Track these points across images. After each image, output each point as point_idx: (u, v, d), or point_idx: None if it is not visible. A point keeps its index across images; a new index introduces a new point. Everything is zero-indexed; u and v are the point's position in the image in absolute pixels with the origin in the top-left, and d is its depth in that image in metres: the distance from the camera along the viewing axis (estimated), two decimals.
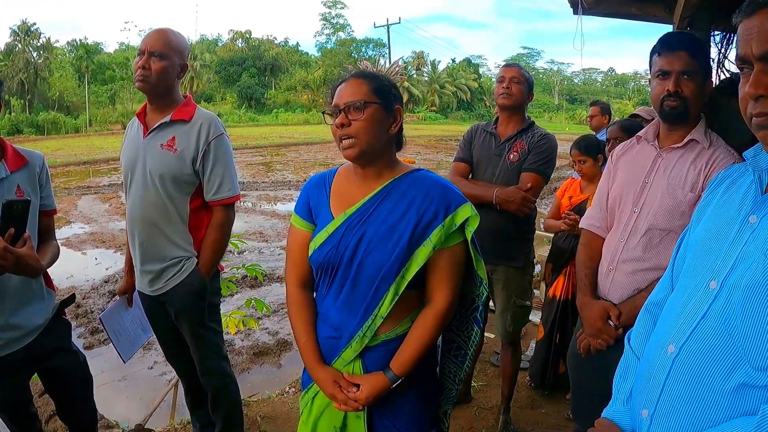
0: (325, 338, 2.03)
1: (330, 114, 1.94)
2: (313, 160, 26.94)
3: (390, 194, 1.95)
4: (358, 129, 1.87)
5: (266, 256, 9.90)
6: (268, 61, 73.14)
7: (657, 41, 2.28)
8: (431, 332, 1.94)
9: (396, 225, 1.90)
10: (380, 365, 1.96)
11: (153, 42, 2.82)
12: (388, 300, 1.90)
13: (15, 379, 2.61)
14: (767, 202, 1.22)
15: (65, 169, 23.14)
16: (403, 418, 2.03)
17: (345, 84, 1.94)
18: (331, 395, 1.96)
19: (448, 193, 1.94)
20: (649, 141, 2.39)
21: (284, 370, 5.55)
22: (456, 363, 2.19)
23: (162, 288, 2.96)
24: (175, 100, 2.96)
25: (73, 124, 48.54)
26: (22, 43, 53.48)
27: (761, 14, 1.14)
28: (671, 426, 1.22)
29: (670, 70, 2.20)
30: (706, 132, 2.27)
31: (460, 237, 1.94)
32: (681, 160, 2.26)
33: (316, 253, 1.98)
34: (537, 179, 3.31)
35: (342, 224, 1.95)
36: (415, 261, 1.89)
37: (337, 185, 2.06)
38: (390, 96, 1.95)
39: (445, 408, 2.21)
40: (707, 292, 1.23)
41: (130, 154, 2.97)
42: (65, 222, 12.58)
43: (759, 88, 1.13)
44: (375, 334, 1.94)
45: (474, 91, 73.81)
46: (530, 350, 4.88)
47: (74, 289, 7.66)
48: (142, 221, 2.92)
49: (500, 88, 3.47)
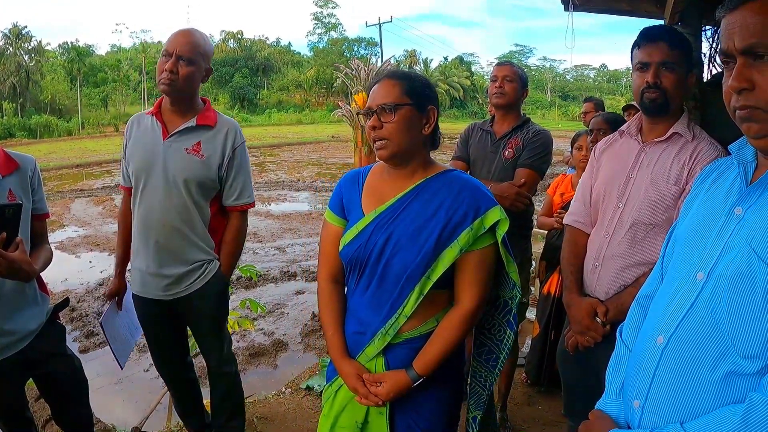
0: (351, 333, 2.04)
1: (365, 115, 1.95)
2: (306, 159, 26.95)
3: (421, 194, 1.96)
4: (390, 131, 1.88)
5: (261, 256, 9.89)
6: (260, 62, 73.21)
7: (638, 35, 2.27)
8: (456, 333, 1.94)
9: (425, 225, 1.91)
10: (403, 363, 1.96)
11: (182, 45, 2.76)
12: (412, 299, 1.91)
13: (10, 385, 2.60)
14: (752, 193, 1.23)
15: (58, 172, 23.08)
16: (425, 418, 2.03)
17: (378, 85, 1.95)
18: (354, 388, 1.97)
19: (478, 195, 1.93)
20: (632, 135, 2.38)
21: (280, 371, 5.54)
22: (487, 367, 2.18)
23: (182, 292, 2.95)
24: (196, 104, 2.95)
25: (66, 127, 48.44)
26: (13, 47, 53.34)
27: (743, 9, 1.16)
28: (662, 415, 1.24)
29: (650, 62, 2.19)
30: (689, 125, 2.26)
31: (490, 239, 1.94)
32: (664, 154, 2.25)
33: (346, 249, 2.00)
34: (531, 175, 3.31)
35: (372, 222, 1.96)
36: (442, 262, 1.89)
37: (370, 182, 2.07)
38: (423, 96, 1.95)
39: (474, 413, 2.20)
40: (694, 283, 1.25)
41: (144, 154, 2.89)
42: (59, 225, 12.55)
43: (741, 82, 1.15)
44: (398, 332, 1.95)
45: (467, 89, 73.86)
46: (526, 347, 4.89)
47: (69, 292, 7.64)
48: (163, 225, 2.87)
49: (493, 88, 3.47)
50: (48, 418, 3.94)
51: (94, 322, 6.66)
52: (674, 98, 2.22)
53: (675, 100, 2.23)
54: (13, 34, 53.10)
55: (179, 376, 3.31)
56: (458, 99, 74.30)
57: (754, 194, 1.23)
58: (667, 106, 2.22)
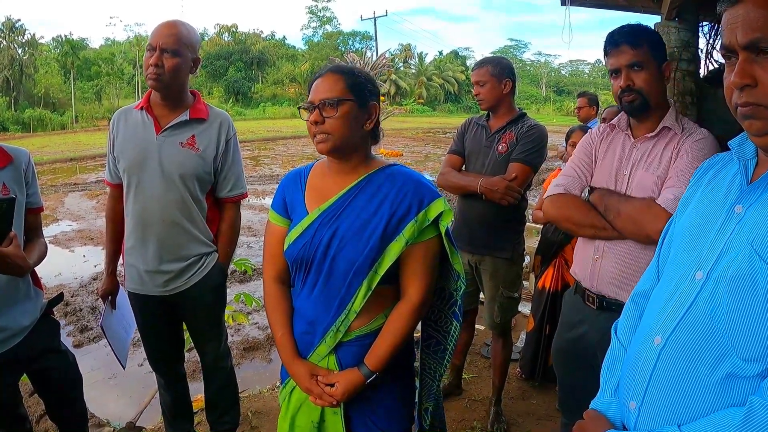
0: (300, 333, 2.04)
1: (306, 109, 1.95)
2: (300, 153, 26.87)
3: (364, 189, 1.96)
4: (333, 126, 1.88)
5: (255, 250, 9.86)
6: (254, 55, 72.85)
7: (604, 42, 2.31)
8: (405, 327, 1.95)
9: (369, 220, 1.91)
10: (355, 360, 1.97)
11: (165, 38, 2.73)
12: (361, 295, 1.91)
13: (4, 381, 2.58)
14: (753, 191, 1.22)
15: (52, 166, 22.95)
16: (380, 414, 2.04)
17: (321, 79, 1.94)
18: (307, 389, 1.97)
19: (421, 188, 1.94)
20: (623, 129, 2.40)
21: (274, 365, 5.52)
22: (435, 359, 2.19)
23: (182, 286, 2.94)
24: (186, 97, 2.93)
25: (59, 120, 48.12)
26: (6, 40, 52.95)
27: (746, 3, 1.13)
28: (659, 417, 1.23)
29: (618, 67, 2.24)
30: (677, 118, 2.28)
31: (434, 231, 1.95)
32: (655, 149, 2.27)
33: (291, 248, 2.00)
34: (523, 169, 3.32)
35: (316, 219, 1.96)
36: (388, 255, 1.90)
37: (313, 180, 2.07)
38: (365, 92, 1.94)
39: (426, 405, 2.21)
40: (693, 283, 1.23)
41: (137, 150, 2.85)
42: (53, 219, 12.48)
43: (744, 78, 1.12)
44: (349, 329, 1.95)
45: (461, 83, 73.71)
46: (520, 341, 4.90)
47: (63, 287, 7.59)
48: (162, 221, 2.85)
49: (474, 94, 3.57)
50: (42, 414, 3.92)
51: (88, 316, 6.64)
52: (652, 95, 2.24)
53: (653, 96, 2.25)
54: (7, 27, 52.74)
55: (175, 373, 3.29)
56: (453, 93, 74.31)
57: (755, 192, 1.21)
58: (647, 104, 2.25)
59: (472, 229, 3.51)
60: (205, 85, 65.56)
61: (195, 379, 4.45)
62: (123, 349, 3.35)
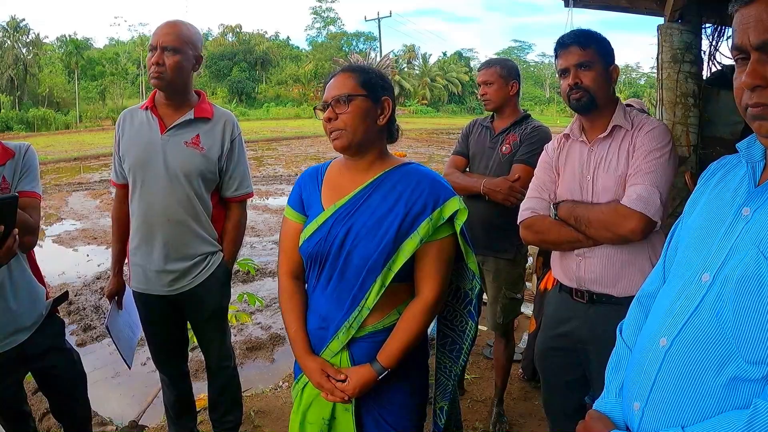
0: (313, 329, 2.04)
1: (321, 109, 1.97)
2: (304, 154, 26.89)
3: (379, 187, 1.97)
4: (345, 121, 1.90)
5: (258, 250, 9.88)
6: (258, 56, 72.93)
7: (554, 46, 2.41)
8: (418, 324, 1.95)
9: (384, 217, 1.92)
10: (368, 357, 1.97)
11: (165, 36, 2.75)
12: (374, 291, 1.92)
13: (9, 379, 2.60)
14: (761, 194, 1.20)
15: (55, 165, 23.00)
16: (391, 411, 2.04)
17: (333, 79, 1.97)
18: (318, 384, 1.98)
19: (437, 186, 1.95)
20: (578, 138, 2.45)
21: (277, 365, 5.53)
22: (451, 358, 2.20)
23: (187, 285, 2.94)
24: (191, 96, 2.94)
25: (63, 120, 48.33)
26: (11, 40, 53.16)
27: (759, 3, 1.11)
28: (663, 419, 1.22)
29: (567, 66, 2.33)
30: (626, 115, 2.35)
31: (449, 230, 1.96)
32: (611, 149, 2.33)
33: (306, 244, 2.01)
34: (526, 170, 3.32)
35: (331, 216, 1.97)
36: (402, 253, 1.91)
37: (329, 177, 2.08)
38: (377, 87, 1.96)
39: (441, 404, 2.21)
40: (699, 285, 1.22)
41: (142, 149, 2.86)
42: (56, 219, 12.51)
43: (756, 79, 1.11)
44: (362, 326, 1.96)
45: (465, 84, 73.71)
46: (523, 342, 4.90)
47: (66, 286, 7.61)
48: (167, 221, 2.85)
49: (480, 94, 3.57)
50: (46, 412, 3.93)
51: (91, 315, 6.66)
52: (599, 93, 2.31)
53: (600, 95, 2.32)
54: (11, 27, 52.90)
55: (179, 371, 3.30)
56: (456, 94, 74.26)
57: (762, 195, 1.20)
58: (594, 102, 2.32)
59: (475, 229, 3.50)
60: (208, 86, 65.52)
61: (198, 379, 4.45)
62: (129, 349, 3.35)
